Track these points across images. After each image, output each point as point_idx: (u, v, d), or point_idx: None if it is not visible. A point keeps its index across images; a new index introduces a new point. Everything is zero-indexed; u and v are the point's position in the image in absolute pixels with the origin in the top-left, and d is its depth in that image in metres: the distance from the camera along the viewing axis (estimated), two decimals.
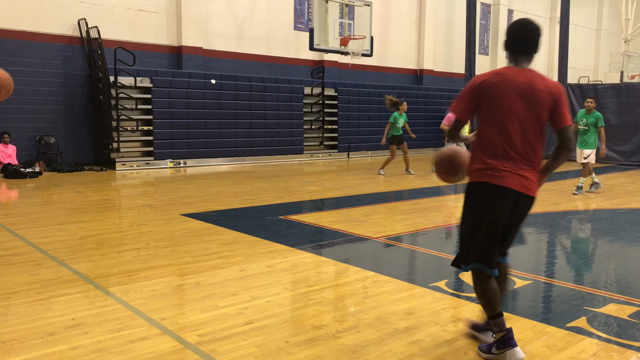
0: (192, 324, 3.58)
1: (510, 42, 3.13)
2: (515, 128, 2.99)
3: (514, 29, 3.12)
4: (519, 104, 2.99)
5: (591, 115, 9.58)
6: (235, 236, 6.15)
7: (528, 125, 3.00)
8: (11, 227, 6.51)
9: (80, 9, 13.35)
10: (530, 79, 3.03)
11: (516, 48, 3.11)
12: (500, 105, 2.99)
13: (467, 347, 3.29)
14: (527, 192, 3.02)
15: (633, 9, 26.94)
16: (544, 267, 5.28)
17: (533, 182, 3.05)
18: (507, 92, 2.99)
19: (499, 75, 3.05)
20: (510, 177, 2.97)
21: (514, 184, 2.98)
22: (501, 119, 3.00)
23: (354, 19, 14.78)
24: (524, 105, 2.99)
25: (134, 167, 13.28)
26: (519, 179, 2.99)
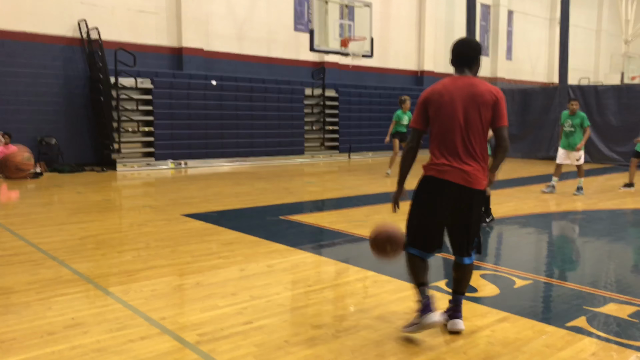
0: (192, 324, 3.58)
1: (453, 58, 3.48)
2: (457, 128, 3.30)
3: (455, 47, 3.46)
4: (460, 106, 3.31)
5: (576, 117, 9.56)
6: (235, 236, 6.16)
7: (470, 125, 3.30)
8: (11, 227, 6.52)
9: (80, 10, 13.36)
10: (470, 83, 3.36)
11: (458, 63, 3.45)
12: (444, 110, 3.33)
13: (467, 347, 3.28)
14: (469, 185, 3.28)
15: (633, 9, 26.94)
16: (544, 267, 5.28)
17: (476, 176, 3.30)
18: (448, 97, 3.33)
19: (441, 84, 3.42)
20: (452, 171, 3.28)
21: (456, 178, 3.27)
22: (445, 121, 3.32)
23: (354, 20, 14.79)
24: (465, 106, 3.31)
25: (134, 167, 13.29)
26: (460, 174, 3.27)
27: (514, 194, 9.97)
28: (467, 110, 3.30)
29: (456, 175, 3.27)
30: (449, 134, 3.32)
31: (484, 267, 5.10)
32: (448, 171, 3.29)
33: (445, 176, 3.29)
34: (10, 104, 12.48)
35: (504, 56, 25.22)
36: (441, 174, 3.30)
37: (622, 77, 26.09)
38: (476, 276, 4.75)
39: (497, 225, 7.24)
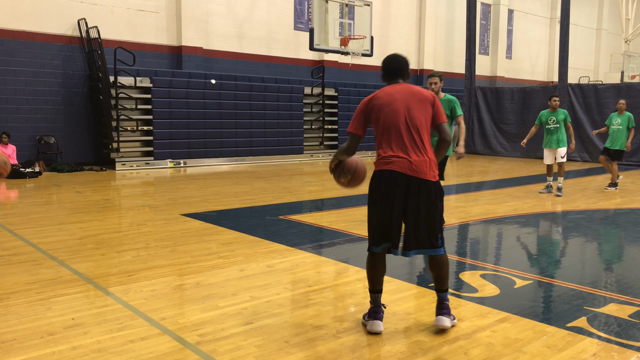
0: (192, 324, 3.57)
1: (385, 73, 3.73)
2: (402, 123, 3.48)
3: (386, 63, 3.71)
4: (402, 103, 3.52)
5: (559, 112, 9.39)
6: (235, 236, 6.15)
7: (413, 119, 3.49)
8: (11, 227, 6.51)
9: (80, 9, 13.35)
10: (408, 86, 3.64)
11: (393, 76, 3.70)
12: (387, 108, 3.52)
13: (467, 347, 3.28)
14: (417, 175, 3.40)
15: (633, 9, 26.94)
16: (544, 267, 5.28)
17: (423, 166, 3.42)
18: (390, 97, 3.55)
19: (381, 91, 3.62)
20: (399, 161, 3.42)
21: (403, 168, 3.41)
22: (390, 118, 3.50)
23: (354, 19, 14.78)
24: (407, 103, 3.52)
25: (133, 167, 13.28)
26: (408, 164, 3.41)
27: (514, 193, 9.97)
28: (410, 105, 3.51)
29: (403, 165, 3.41)
30: (394, 128, 3.48)
31: (484, 267, 5.10)
32: (395, 162, 3.43)
33: (392, 167, 3.42)
34: (10, 103, 12.47)
35: (503, 55, 25.22)
36: (389, 165, 3.44)
37: (622, 76, 26.09)
38: (476, 276, 4.75)
39: (497, 225, 7.24)
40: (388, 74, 3.71)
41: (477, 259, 5.49)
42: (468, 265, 5.18)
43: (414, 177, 3.39)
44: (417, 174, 3.40)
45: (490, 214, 7.83)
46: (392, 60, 3.73)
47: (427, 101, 3.55)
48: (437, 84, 6.29)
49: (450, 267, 5.10)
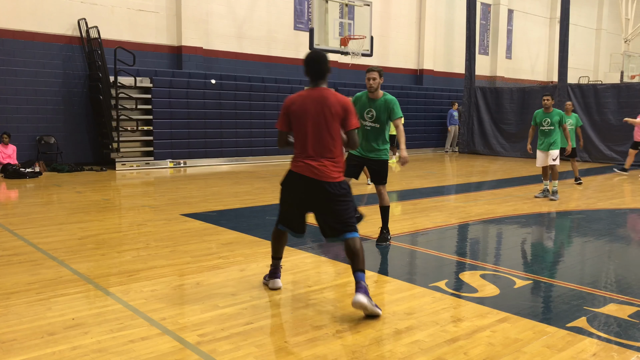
0: (192, 324, 3.58)
1: (311, 72, 4.02)
2: (310, 131, 3.93)
3: (307, 62, 4.01)
4: (312, 113, 3.93)
5: (553, 114, 9.04)
6: (235, 236, 6.16)
7: (322, 128, 3.92)
8: (11, 227, 6.51)
9: (80, 9, 13.35)
10: (323, 95, 3.95)
11: (315, 77, 4.01)
12: (300, 115, 3.96)
13: (467, 347, 3.29)
14: (317, 177, 3.89)
15: (633, 9, 26.94)
16: (544, 267, 5.28)
17: (326, 170, 3.91)
18: (303, 106, 3.95)
19: (299, 95, 4.03)
20: (304, 166, 3.94)
21: (305, 171, 3.92)
22: (301, 125, 3.96)
23: (354, 19, 14.78)
24: (318, 113, 3.91)
25: (133, 167, 13.28)
26: (310, 168, 3.91)
27: (514, 193, 9.98)
28: (321, 115, 3.91)
29: (306, 169, 3.93)
30: (304, 135, 3.96)
31: (484, 267, 5.10)
32: (301, 166, 3.96)
33: (298, 170, 3.99)
34: (10, 102, 12.47)
35: (503, 55, 25.22)
36: (296, 168, 4.02)
37: (621, 75, 26.09)
38: (476, 276, 4.75)
39: (497, 225, 7.25)
40: (311, 74, 4.03)
41: (477, 259, 5.49)
42: (468, 265, 5.18)
43: (314, 179, 3.89)
44: (318, 177, 3.89)
45: (490, 214, 7.84)
46: (316, 60, 4.00)
47: (339, 110, 3.91)
48: (376, 79, 5.74)
49: (450, 267, 5.13)
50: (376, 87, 5.71)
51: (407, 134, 8.16)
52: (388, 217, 5.93)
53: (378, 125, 5.76)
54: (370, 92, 5.78)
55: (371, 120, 5.75)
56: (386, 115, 5.72)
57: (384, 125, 5.77)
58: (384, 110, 5.70)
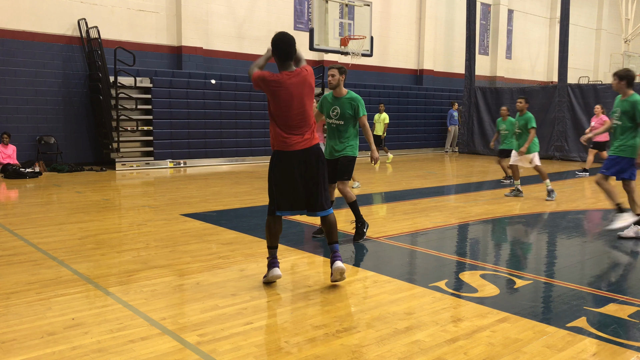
0: (192, 324, 3.57)
1: (276, 54, 4.26)
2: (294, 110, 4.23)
3: (274, 44, 4.23)
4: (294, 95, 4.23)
5: (523, 117, 9.13)
6: (235, 236, 6.15)
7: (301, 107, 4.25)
8: (11, 227, 6.51)
9: (80, 9, 13.35)
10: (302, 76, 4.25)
11: (281, 58, 4.25)
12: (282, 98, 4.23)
13: (467, 346, 3.28)
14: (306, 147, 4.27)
15: (633, 9, 26.94)
16: (544, 267, 5.28)
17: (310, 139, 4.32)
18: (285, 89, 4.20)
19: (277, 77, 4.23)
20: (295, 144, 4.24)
21: (297, 147, 4.23)
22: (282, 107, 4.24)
23: (354, 19, 14.78)
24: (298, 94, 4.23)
25: (133, 167, 13.28)
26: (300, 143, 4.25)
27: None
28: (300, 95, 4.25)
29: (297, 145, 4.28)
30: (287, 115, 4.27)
31: (484, 267, 5.10)
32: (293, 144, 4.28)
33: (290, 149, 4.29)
34: (10, 103, 12.47)
35: (503, 55, 25.22)
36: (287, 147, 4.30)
37: None
38: (476, 276, 4.75)
39: (497, 225, 7.25)
40: (278, 57, 4.27)
41: (477, 259, 5.49)
42: (468, 265, 5.18)
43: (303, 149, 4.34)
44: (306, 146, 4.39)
45: (490, 214, 7.83)
46: (277, 43, 4.23)
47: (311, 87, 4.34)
48: (335, 76, 5.75)
49: (450, 267, 5.13)
50: (335, 83, 5.80)
51: (407, 133, 8.25)
52: (358, 209, 6.02)
53: (342, 122, 5.88)
54: (332, 90, 5.90)
55: (336, 118, 5.88)
56: (351, 112, 5.81)
57: (348, 122, 5.88)
58: (348, 108, 5.81)
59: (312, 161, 4.29)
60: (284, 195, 4.30)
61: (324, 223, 4.45)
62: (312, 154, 4.30)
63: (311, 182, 4.30)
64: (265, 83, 4.24)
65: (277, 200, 4.31)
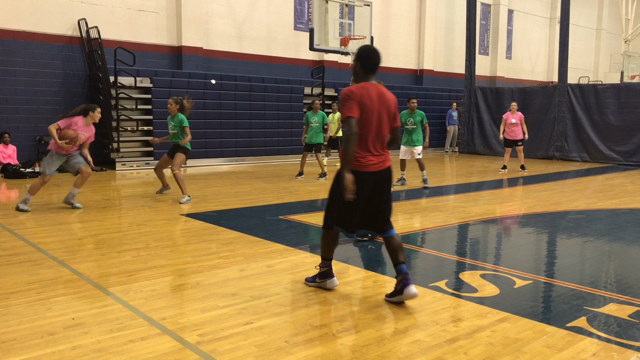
0: (192, 324, 3.58)
1: (367, 65, 4.04)
2: (375, 126, 3.97)
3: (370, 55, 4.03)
4: (376, 108, 3.98)
5: (417, 114, 10.30)
6: (235, 236, 6.15)
7: (383, 124, 4.01)
8: (11, 227, 6.51)
9: (80, 9, 13.35)
10: (382, 91, 4.04)
11: (370, 70, 4.05)
12: (367, 109, 3.94)
13: (467, 346, 3.28)
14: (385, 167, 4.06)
15: (633, 9, 26.95)
16: (544, 267, 5.28)
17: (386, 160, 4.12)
18: (370, 100, 3.95)
19: (364, 88, 3.97)
20: (373, 165, 3.99)
21: (373, 169, 3.98)
22: (367, 119, 3.95)
23: (354, 19, 14.78)
24: (380, 108, 3.99)
25: (134, 167, 13.28)
26: (376, 165, 4.01)
27: (513, 193, 9.98)
28: (380, 115, 4.02)
29: (374, 167, 4.06)
30: (366, 131, 3.99)
31: (484, 267, 5.10)
32: (371, 165, 4.03)
33: (369, 169, 4.03)
34: (10, 103, 12.47)
35: (503, 55, 25.23)
36: (366, 167, 4.03)
37: (621, 76, 26.10)
38: (476, 276, 4.75)
39: (497, 225, 7.25)
40: (368, 68, 4.06)
41: (477, 259, 5.49)
42: (468, 265, 5.18)
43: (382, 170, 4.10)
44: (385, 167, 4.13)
45: (490, 214, 7.83)
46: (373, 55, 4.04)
47: (393, 107, 4.13)
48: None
49: (450, 267, 5.13)
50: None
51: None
52: None
53: None
54: None
55: None
56: None
57: None
58: None
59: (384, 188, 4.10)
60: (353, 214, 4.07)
61: (391, 244, 4.12)
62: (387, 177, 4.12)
63: (383, 201, 4.10)
64: (357, 102, 3.94)
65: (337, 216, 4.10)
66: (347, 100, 3.91)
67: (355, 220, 4.06)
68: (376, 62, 4.04)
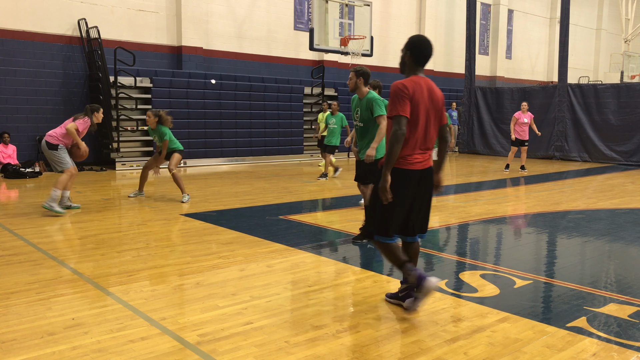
0: (192, 324, 3.57)
1: (418, 56, 3.71)
2: (423, 123, 3.68)
3: (423, 44, 3.72)
4: (426, 104, 3.70)
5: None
6: (235, 236, 6.15)
7: (431, 121, 3.72)
8: (11, 227, 6.51)
9: (80, 9, 13.35)
10: (431, 87, 3.75)
11: (422, 61, 3.73)
12: (417, 105, 3.64)
13: (467, 346, 3.28)
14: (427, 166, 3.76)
15: (633, 9, 26.95)
16: (544, 267, 5.28)
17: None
18: (421, 94, 3.66)
19: (414, 82, 3.67)
20: (419, 164, 3.71)
21: (419, 167, 3.70)
22: (417, 116, 3.64)
23: (354, 19, 14.78)
24: (429, 104, 3.71)
25: (133, 167, 13.28)
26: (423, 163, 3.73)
27: (513, 193, 9.98)
28: (429, 111, 3.73)
29: (420, 165, 3.78)
30: (416, 128, 3.70)
31: (484, 267, 5.10)
32: (417, 163, 3.75)
33: (416, 167, 3.75)
34: (10, 103, 12.47)
35: (503, 55, 25.22)
36: (413, 165, 3.76)
37: (621, 75, 26.10)
38: (476, 276, 4.75)
39: (497, 225, 7.24)
40: (420, 59, 3.73)
41: (477, 259, 5.49)
42: (468, 265, 5.18)
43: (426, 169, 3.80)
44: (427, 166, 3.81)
45: (490, 214, 7.83)
46: (427, 46, 3.71)
47: (441, 101, 3.83)
48: (352, 79, 5.79)
49: (450, 267, 5.13)
50: (352, 86, 5.81)
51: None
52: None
53: (362, 124, 5.82)
54: (355, 92, 5.88)
55: (358, 120, 5.84)
56: (368, 113, 5.73)
57: (367, 124, 5.78)
58: (365, 109, 5.74)
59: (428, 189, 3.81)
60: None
61: (413, 248, 3.93)
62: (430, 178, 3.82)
63: (425, 203, 3.83)
64: (409, 98, 3.64)
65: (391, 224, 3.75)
66: (400, 96, 3.58)
67: (397, 223, 3.73)
68: (428, 53, 3.71)
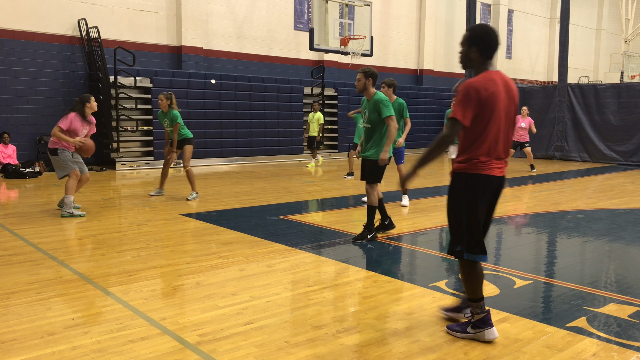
0: (192, 324, 3.57)
1: (487, 49, 3.28)
2: (503, 126, 3.30)
3: (490, 35, 3.27)
4: (505, 103, 3.30)
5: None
6: (235, 236, 6.15)
7: (510, 122, 3.36)
8: (11, 227, 6.51)
9: (80, 9, 13.35)
10: (507, 82, 3.34)
11: (491, 54, 3.31)
12: (493, 106, 3.26)
13: (467, 347, 3.28)
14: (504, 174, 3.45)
15: (633, 9, 26.96)
16: (544, 267, 5.28)
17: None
18: (497, 94, 3.25)
19: (491, 80, 3.25)
20: (499, 170, 3.44)
21: (500, 172, 3.42)
22: (494, 118, 3.27)
23: (354, 19, 14.78)
24: (508, 104, 3.32)
25: (133, 167, 13.28)
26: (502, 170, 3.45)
27: (514, 193, 9.98)
28: (508, 111, 3.34)
29: (500, 172, 3.50)
30: (494, 132, 3.31)
31: (484, 267, 5.10)
32: (497, 170, 3.47)
33: (496, 173, 3.48)
34: (10, 102, 12.47)
35: (503, 55, 25.23)
36: (494, 171, 3.48)
37: (621, 75, 26.10)
38: None
39: (497, 225, 7.24)
40: (490, 51, 3.28)
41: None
42: None
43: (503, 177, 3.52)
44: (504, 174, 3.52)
45: None
46: (494, 36, 3.27)
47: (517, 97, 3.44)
48: (360, 80, 5.70)
49: (450, 267, 5.13)
50: (361, 87, 5.78)
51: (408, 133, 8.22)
52: (371, 216, 5.98)
53: (369, 125, 5.85)
54: (362, 94, 5.88)
55: (366, 121, 5.87)
56: (375, 115, 5.75)
57: (374, 125, 5.82)
58: (372, 110, 5.76)
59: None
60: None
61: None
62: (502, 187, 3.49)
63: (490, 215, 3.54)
64: (477, 100, 3.22)
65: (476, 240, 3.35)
66: (466, 99, 3.16)
67: (483, 236, 3.38)
68: (496, 44, 3.27)
